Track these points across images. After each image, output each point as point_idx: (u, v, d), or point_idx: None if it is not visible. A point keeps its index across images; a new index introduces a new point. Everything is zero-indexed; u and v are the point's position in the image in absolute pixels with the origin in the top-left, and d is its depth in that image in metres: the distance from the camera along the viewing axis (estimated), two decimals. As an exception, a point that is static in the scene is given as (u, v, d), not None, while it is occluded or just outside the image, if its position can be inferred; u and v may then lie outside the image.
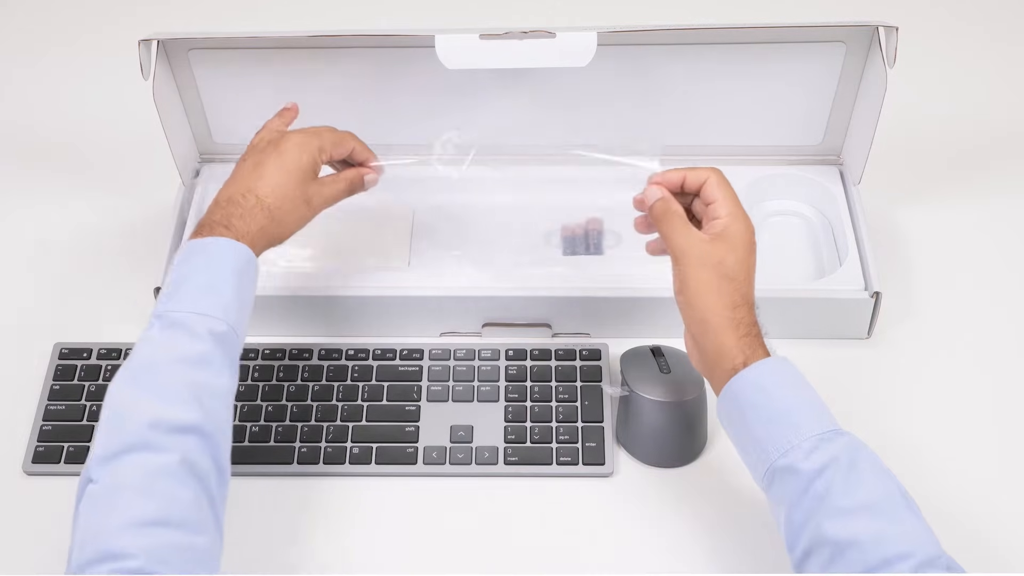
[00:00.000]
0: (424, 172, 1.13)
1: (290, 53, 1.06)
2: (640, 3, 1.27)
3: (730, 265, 0.83)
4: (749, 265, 0.84)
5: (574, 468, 0.97)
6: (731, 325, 0.82)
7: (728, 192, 0.86)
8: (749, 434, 0.80)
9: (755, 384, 0.80)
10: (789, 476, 0.77)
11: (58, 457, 0.98)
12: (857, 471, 0.76)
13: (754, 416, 0.80)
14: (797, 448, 0.77)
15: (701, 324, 0.83)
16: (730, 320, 0.82)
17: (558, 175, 1.13)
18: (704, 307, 0.82)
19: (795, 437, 0.77)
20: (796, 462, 0.77)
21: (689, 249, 0.84)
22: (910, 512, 0.75)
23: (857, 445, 0.78)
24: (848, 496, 0.75)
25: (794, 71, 1.07)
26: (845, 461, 0.76)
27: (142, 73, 1.01)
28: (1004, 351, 1.05)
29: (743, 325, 0.82)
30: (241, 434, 0.99)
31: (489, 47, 1.01)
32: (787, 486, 0.77)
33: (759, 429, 0.79)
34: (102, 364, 1.03)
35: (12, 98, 1.31)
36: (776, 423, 0.79)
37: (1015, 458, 0.98)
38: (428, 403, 1.01)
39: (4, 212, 1.19)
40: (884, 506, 0.75)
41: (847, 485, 0.75)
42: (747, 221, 0.86)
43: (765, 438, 0.79)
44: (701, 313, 0.83)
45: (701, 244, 0.84)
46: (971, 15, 1.37)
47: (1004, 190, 1.19)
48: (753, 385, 0.80)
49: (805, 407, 0.80)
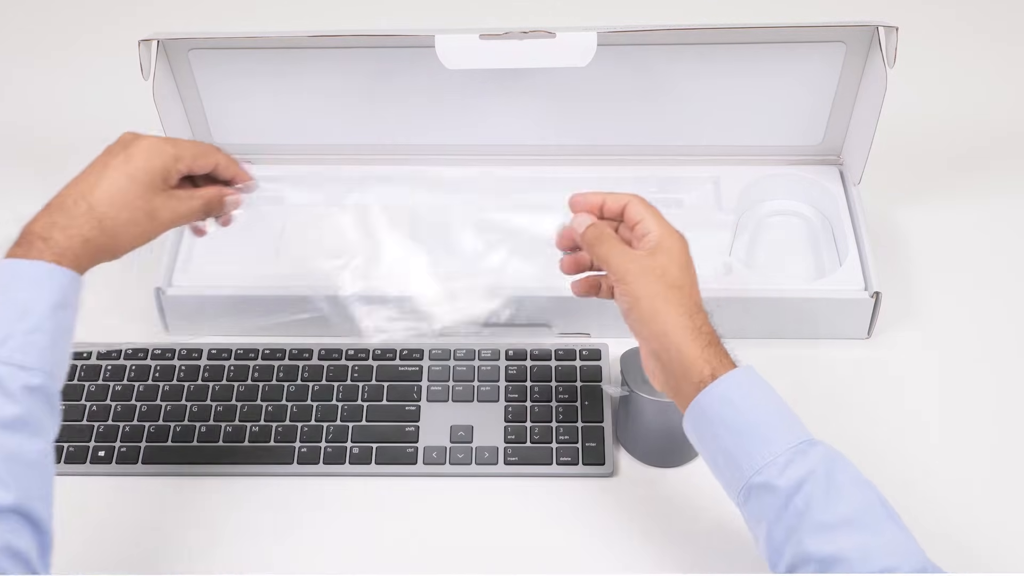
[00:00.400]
0: (424, 172, 1.14)
1: (290, 53, 1.06)
2: (640, 3, 1.27)
3: (674, 274, 0.81)
4: (692, 273, 0.83)
5: (574, 468, 0.97)
6: (692, 335, 0.79)
7: (652, 211, 0.85)
8: (720, 450, 0.78)
9: (723, 398, 0.78)
10: (766, 493, 0.75)
11: (58, 457, 0.98)
12: (836, 484, 0.74)
13: (724, 431, 0.78)
14: (772, 464, 0.75)
15: (661, 338, 0.80)
16: (690, 329, 0.79)
17: (558, 175, 1.13)
18: (661, 320, 0.80)
19: (768, 452, 0.76)
20: (772, 478, 0.75)
21: (630, 265, 0.82)
22: (892, 522, 0.74)
23: (832, 455, 0.77)
24: (829, 511, 0.73)
25: (794, 71, 1.07)
26: (822, 474, 0.75)
27: (142, 73, 1.01)
28: (1004, 351, 1.05)
29: (703, 334, 0.80)
30: (241, 434, 0.99)
31: (489, 47, 1.01)
32: (765, 503, 0.75)
33: (730, 444, 0.77)
34: (102, 364, 1.03)
35: (12, 98, 1.31)
36: (747, 437, 0.77)
37: (1015, 458, 0.98)
38: (428, 403, 1.01)
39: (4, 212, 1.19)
40: (866, 518, 0.74)
41: (827, 499, 0.74)
42: (678, 234, 0.84)
43: (737, 454, 0.77)
44: (659, 326, 0.80)
45: (641, 259, 0.82)
46: (971, 15, 1.37)
47: (1004, 190, 1.19)
48: (721, 399, 0.78)
49: (775, 419, 0.78)
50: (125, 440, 0.99)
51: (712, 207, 1.12)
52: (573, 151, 1.13)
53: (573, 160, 1.14)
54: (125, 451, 0.98)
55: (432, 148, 1.13)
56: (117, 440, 0.98)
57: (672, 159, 1.14)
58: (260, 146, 1.14)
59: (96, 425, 0.99)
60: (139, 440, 0.98)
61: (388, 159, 1.14)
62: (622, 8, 1.32)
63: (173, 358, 1.03)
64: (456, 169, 1.14)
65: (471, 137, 1.12)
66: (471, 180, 1.14)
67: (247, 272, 1.06)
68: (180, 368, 1.03)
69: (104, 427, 0.99)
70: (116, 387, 1.01)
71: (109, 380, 1.02)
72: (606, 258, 0.84)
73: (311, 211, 1.13)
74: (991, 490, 0.96)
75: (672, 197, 1.14)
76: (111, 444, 0.98)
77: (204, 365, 1.03)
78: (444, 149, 1.13)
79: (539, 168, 1.14)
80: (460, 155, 1.14)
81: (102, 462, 0.98)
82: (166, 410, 1.00)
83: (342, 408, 1.00)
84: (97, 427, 0.99)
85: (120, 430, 0.99)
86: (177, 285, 1.06)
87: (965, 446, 0.99)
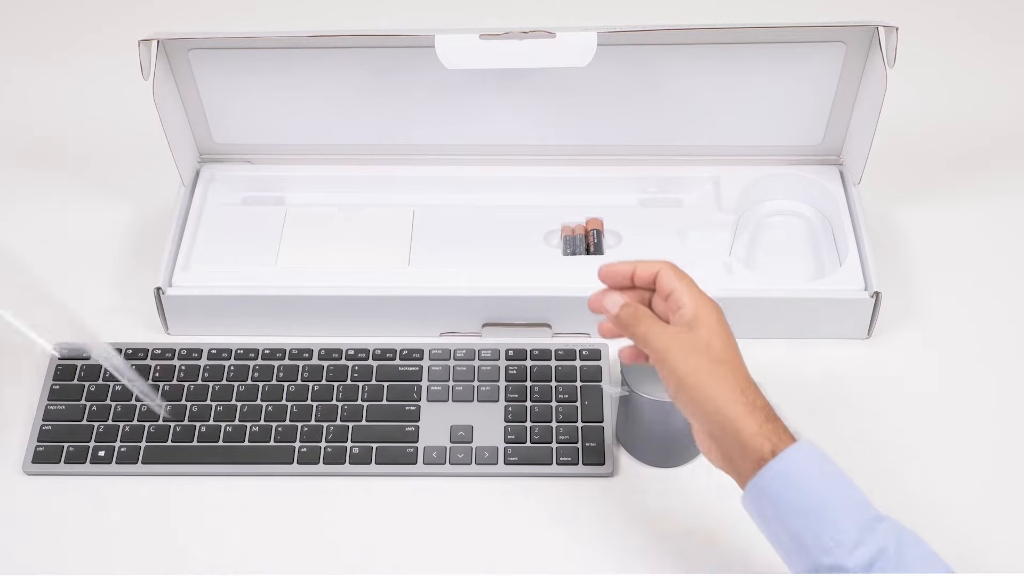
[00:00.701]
0: (424, 172, 1.14)
1: (290, 53, 1.06)
2: (640, 3, 1.27)
3: (718, 348, 0.79)
4: (734, 344, 0.80)
5: (574, 468, 0.97)
6: (746, 411, 0.76)
7: (685, 278, 0.83)
8: (784, 529, 0.75)
9: (786, 477, 0.75)
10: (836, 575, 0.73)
11: (58, 457, 0.98)
12: (906, 562, 0.72)
13: (788, 511, 0.75)
14: (840, 545, 0.73)
15: (713, 417, 0.77)
16: (743, 405, 0.77)
17: (558, 175, 1.13)
18: (712, 398, 0.77)
19: (836, 532, 0.73)
20: (841, 559, 0.73)
21: (671, 343, 0.80)
22: None
23: (901, 531, 0.75)
24: None
25: (794, 71, 1.07)
26: (892, 552, 0.73)
27: (142, 73, 1.01)
28: (1004, 351, 1.05)
29: (758, 409, 0.77)
30: (241, 434, 0.99)
31: (489, 47, 1.01)
32: None
33: (795, 524, 0.75)
34: (102, 364, 1.03)
35: (12, 98, 1.31)
36: (813, 517, 0.74)
37: (1015, 458, 0.98)
38: (428, 403, 1.01)
39: (4, 212, 1.19)
40: None
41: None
42: (713, 303, 0.82)
43: (803, 534, 0.74)
44: (710, 406, 0.77)
45: (680, 336, 0.80)
46: (971, 15, 1.37)
47: (1004, 190, 1.19)
48: (784, 478, 0.75)
49: (841, 497, 0.75)
50: (125, 440, 0.98)
51: (712, 207, 1.12)
52: (573, 151, 1.13)
53: (573, 160, 1.14)
54: (125, 451, 0.98)
55: (432, 148, 1.13)
56: (117, 440, 0.98)
57: (672, 159, 1.14)
58: (260, 146, 1.14)
59: (96, 425, 0.99)
60: (139, 440, 0.98)
61: (388, 159, 1.14)
62: (622, 8, 1.32)
63: (173, 358, 1.03)
64: (456, 169, 1.14)
65: (471, 137, 1.12)
66: (471, 180, 1.14)
67: (247, 272, 1.07)
68: (180, 368, 1.03)
69: (104, 427, 0.99)
70: (116, 387, 1.01)
71: (109, 380, 1.02)
72: (644, 338, 0.82)
73: (311, 211, 1.13)
74: (991, 490, 0.96)
75: (672, 197, 1.14)
76: (111, 444, 0.98)
77: (204, 365, 1.03)
78: (444, 149, 1.13)
79: (539, 168, 1.14)
80: (460, 155, 1.14)
81: (102, 462, 0.98)
82: (166, 410, 1.00)
83: (342, 408, 1.00)
84: (97, 427, 0.99)
85: (120, 430, 0.99)
86: (177, 285, 1.06)
87: (965, 446, 0.99)
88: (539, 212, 1.12)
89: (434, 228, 1.11)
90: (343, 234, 1.10)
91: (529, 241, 1.10)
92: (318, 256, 1.08)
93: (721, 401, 0.77)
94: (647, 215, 1.12)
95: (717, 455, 0.80)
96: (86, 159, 1.24)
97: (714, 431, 0.78)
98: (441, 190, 1.13)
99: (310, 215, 1.12)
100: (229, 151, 1.15)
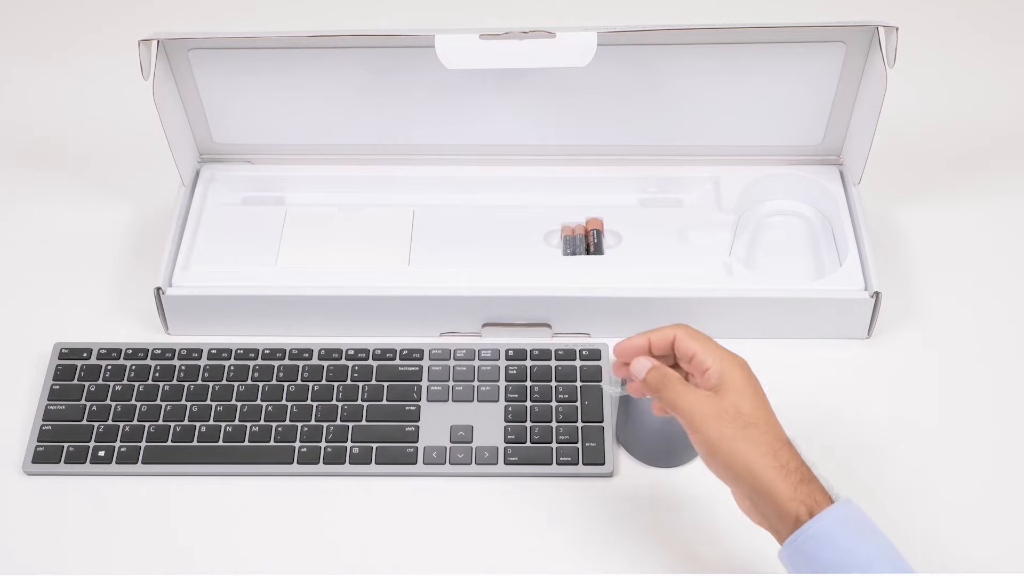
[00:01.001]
0: (424, 172, 1.14)
1: (290, 53, 1.06)
2: (640, 3, 1.27)
3: (747, 410, 0.78)
4: (765, 404, 0.80)
5: (574, 468, 0.97)
6: (780, 475, 0.76)
7: (704, 339, 0.82)
8: None
9: (824, 538, 0.75)
10: None
11: (58, 457, 0.98)
12: None
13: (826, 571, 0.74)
14: None
15: (747, 480, 0.77)
16: (776, 469, 0.76)
17: (558, 175, 1.13)
18: (744, 464, 0.77)
19: None
20: None
21: (700, 408, 0.79)
22: None
23: None
24: None
25: (794, 71, 1.07)
26: None
27: (142, 73, 1.01)
28: (1004, 351, 1.05)
29: (792, 471, 0.76)
30: (241, 434, 0.99)
31: (489, 47, 1.01)
32: None
33: None
34: (102, 364, 1.03)
35: (12, 98, 1.31)
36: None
37: (1015, 458, 0.98)
38: (428, 403, 1.01)
39: (4, 212, 1.19)
40: None
41: None
42: (738, 359, 0.81)
43: None
44: (743, 471, 0.77)
45: (708, 401, 0.79)
46: (971, 15, 1.37)
47: (1004, 190, 1.19)
48: (822, 540, 0.75)
49: (881, 560, 0.75)
50: (125, 440, 0.99)
51: (712, 207, 1.12)
52: (573, 151, 1.13)
53: (573, 160, 1.14)
54: (125, 451, 0.98)
55: (432, 148, 1.13)
56: (117, 440, 0.98)
57: (672, 159, 1.14)
58: (260, 146, 1.14)
59: (96, 425, 0.99)
60: (139, 440, 0.98)
61: (388, 159, 1.14)
62: (622, 8, 1.32)
63: (173, 358, 1.03)
64: (456, 169, 1.14)
65: (471, 137, 1.12)
66: (471, 180, 1.14)
67: (247, 272, 1.07)
68: (180, 368, 1.03)
69: (104, 427, 0.99)
70: (116, 387, 1.01)
71: (109, 380, 1.02)
72: (673, 403, 0.81)
73: (311, 211, 1.13)
74: (991, 490, 0.96)
75: (672, 197, 1.14)
76: (111, 444, 0.98)
77: (204, 365, 1.03)
78: (444, 149, 1.13)
79: (539, 168, 1.14)
80: (460, 155, 1.14)
81: (102, 462, 0.98)
82: (166, 410, 1.00)
83: (342, 408, 1.00)
84: (97, 427, 0.99)
85: (120, 430, 0.99)
86: (177, 285, 1.06)
87: (965, 446, 0.99)
88: (539, 212, 1.12)
89: (434, 228, 1.11)
90: (343, 234, 1.10)
91: (529, 241, 1.10)
92: (318, 256, 1.09)
93: (755, 466, 0.77)
94: (647, 215, 1.12)
95: (756, 517, 0.80)
96: (86, 159, 1.24)
97: (750, 495, 0.78)
98: (441, 190, 1.13)
99: (310, 215, 1.12)
100: (229, 151, 1.15)
